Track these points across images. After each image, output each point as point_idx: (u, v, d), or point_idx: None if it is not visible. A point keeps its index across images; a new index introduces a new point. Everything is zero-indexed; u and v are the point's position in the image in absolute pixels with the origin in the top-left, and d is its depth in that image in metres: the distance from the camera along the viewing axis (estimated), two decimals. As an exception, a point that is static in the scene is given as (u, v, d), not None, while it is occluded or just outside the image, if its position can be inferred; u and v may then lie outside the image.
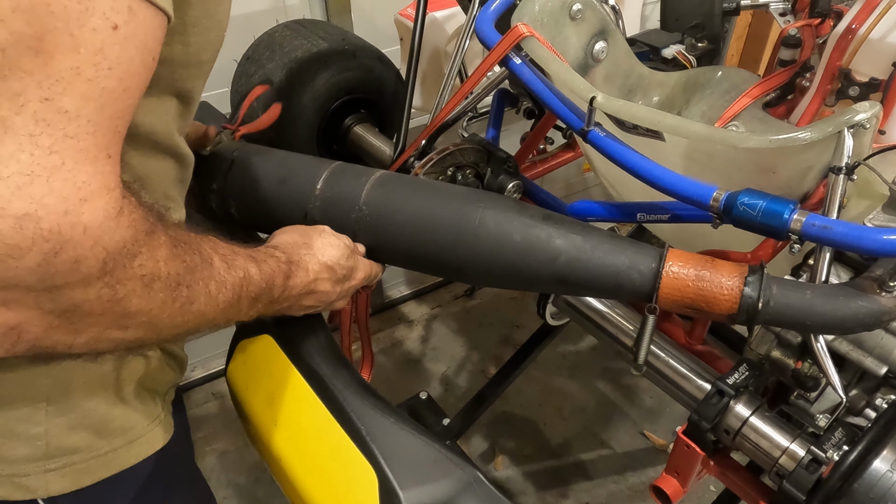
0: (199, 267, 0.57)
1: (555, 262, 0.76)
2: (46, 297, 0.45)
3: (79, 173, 0.43)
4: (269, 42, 1.29)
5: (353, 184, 0.85)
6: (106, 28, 0.43)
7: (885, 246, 0.65)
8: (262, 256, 0.68)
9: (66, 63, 0.42)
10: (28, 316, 0.46)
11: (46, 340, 0.48)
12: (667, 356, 0.97)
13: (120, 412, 0.65)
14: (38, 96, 0.41)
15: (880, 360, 0.77)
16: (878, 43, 1.03)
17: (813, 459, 0.73)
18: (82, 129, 0.44)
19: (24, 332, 0.46)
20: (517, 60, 0.92)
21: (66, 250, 0.43)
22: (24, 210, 0.41)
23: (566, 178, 2.35)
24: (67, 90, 0.42)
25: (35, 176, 0.41)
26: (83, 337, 0.50)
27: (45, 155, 0.42)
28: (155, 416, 0.68)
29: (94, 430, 0.63)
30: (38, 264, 0.43)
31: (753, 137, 0.76)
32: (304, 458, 0.77)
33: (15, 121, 0.41)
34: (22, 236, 0.41)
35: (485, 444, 1.86)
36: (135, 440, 0.66)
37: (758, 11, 1.62)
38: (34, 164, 0.41)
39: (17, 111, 0.41)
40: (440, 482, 0.70)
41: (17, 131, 0.41)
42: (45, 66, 0.41)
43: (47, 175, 0.42)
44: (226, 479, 1.77)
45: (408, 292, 2.32)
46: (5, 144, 0.41)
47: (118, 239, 0.46)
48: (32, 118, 0.41)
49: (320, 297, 0.78)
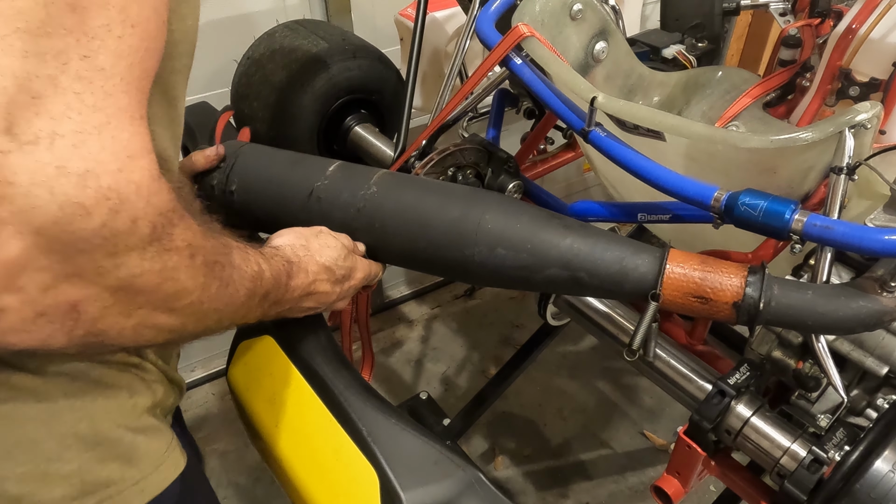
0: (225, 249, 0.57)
1: (555, 263, 0.76)
2: (107, 266, 0.45)
3: (122, 131, 0.44)
4: (269, 42, 1.29)
5: (354, 182, 0.85)
6: None
7: (886, 246, 0.65)
8: (268, 254, 0.68)
9: (99, 20, 0.42)
10: (87, 293, 0.45)
11: (101, 323, 0.48)
12: (668, 356, 0.97)
13: (143, 439, 0.63)
14: (78, 54, 0.41)
15: (881, 361, 0.77)
16: (879, 43, 1.03)
17: (814, 460, 0.73)
18: (118, 88, 0.44)
19: (82, 312, 0.46)
20: (518, 60, 0.92)
21: (126, 208, 0.43)
22: (85, 167, 0.41)
23: (566, 179, 2.35)
24: (102, 48, 0.43)
25: (87, 133, 0.42)
26: (133, 319, 0.49)
27: (91, 112, 0.42)
28: (171, 439, 0.68)
29: (123, 459, 0.62)
30: (102, 223, 0.42)
31: (754, 137, 0.76)
32: (306, 459, 0.77)
33: (62, 79, 0.41)
34: (86, 195, 0.41)
35: (485, 444, 1.86)
36: (161, 465, 0.65)
37: (758, 11, 1.61)
38: (84, 122, 0.42)
39: (63, 69, 0.41)
40: (441, 483, 0.70)
41: (66, 90, 0.41)
42: (82, 24, 0.41)
43: (98, 132, 0.42)
44: (226, 479, 1.77)
45: (408, 292, 2.32)
46: (56, 103, 0.41)
47: (165, 200, 0.47)
48: (76, 76, 0.41)
49: (320, 299, 0.77)
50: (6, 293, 0.42)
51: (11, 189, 0.39)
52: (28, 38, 0.40)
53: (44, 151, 0.40)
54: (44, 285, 0.43)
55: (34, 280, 0.43)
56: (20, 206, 0.40)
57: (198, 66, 1.65)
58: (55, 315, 0.45)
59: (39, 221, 0.41)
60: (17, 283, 0.42)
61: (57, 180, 0.40)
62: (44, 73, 0.40)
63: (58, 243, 0.42)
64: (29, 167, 0.40)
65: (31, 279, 0.43)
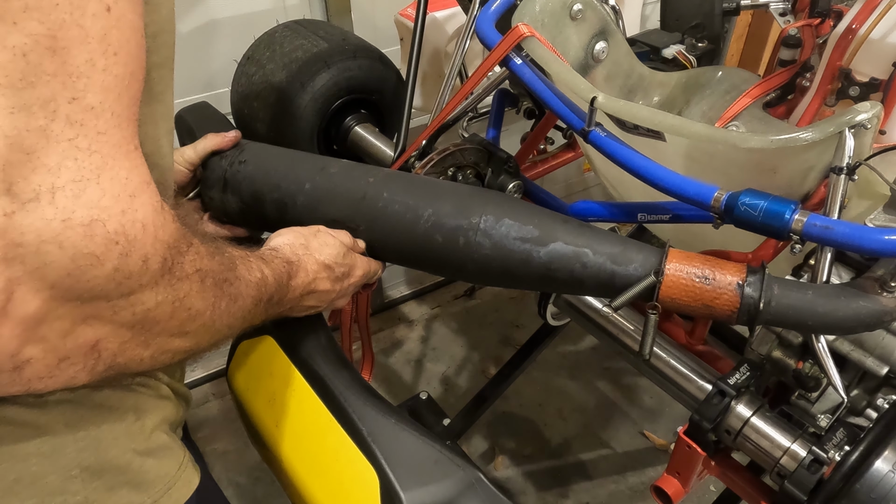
0: (231, 265, 0.57)
1: (554, 268, 0.76)
2: (122, 305, 0.45)
3: (120, 170, 0.43)
4: (269, 42, 1.29)
5: (355, 181, 0.85)
6: (102, 11, 0.42)
7: (886, 246, 0.65)
8: (268, 258, 0.68)
9: (81, 56, 0.41)
10: (105, 331, 0.46)
11: (122, 356, 0.48)
12: (668, 356, 0.97)
13: (152, 462, 0.62)
14: (65, 97, 0.40)
15: (881, 361, 0.77)
16: (879, 43, 1.03)
17: (814, 460, 0.73)
18: (110, 124, 0.43)
19: (103, 350, 0.46)
20: (518, 60, 0.92)
21: (135, 249, 0.43)
22: (90, 216, 0.41)
23: (566, 178, 2.35)
24: (89, 85, 0.41)
25: (86, 180, 0.41)
26: (151, 349, 0.50)
27: (87, 157, 0.41)
28: (182, 456, 0.67)
29: (132, 485, 0.61)
30: (114, 269, 0.42)
31: (755, 138, 0.76)
32: (306, 459, 0.77)
33: (53, 128, 0.40)
34: (95, 243, 0.41)
35: (485, 444, 1.86)
36: (172, 486, 0.64)
37: (758, 11, 1.62)
38: (82, 168, 0.41)
39: (52, 117, 0.40)
40: (442, 483, 0.70)
41: (58, 138, 0.40)
42: (65, 65, 0.40)
43: (97, 176, 0.41)
44: (226, 479, 1.77)
45: (408, 292, 2.32)
46: (50, 154, 0.40)
47: (171, 232, 0.46)
48: (67, 121, 0.40)
49: (321, 297, 0.78)
50: (29, 345, 0.42)
51: (21, 249, 0.39)
52: (11, 92, 0.39)
53: (46, 207, 0.40)
54: (63, 332, 0.44)
55: (54, 328, 0.43)
56: (33, 265, 0.40)
57: (198, 66, 1.66)
58: (77, 357, 0.45)
59: (53, 276, 0.41)
60: (39, 334, 0.42)
61: (64, 234, 0.40)
62: (34, 126, 0.39)
63: (73, 292, 0.42)
64: (35, 225, 0.39)
65: (51, 328, 0.43)
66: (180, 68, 0.61)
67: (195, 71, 1.58)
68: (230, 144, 0.93)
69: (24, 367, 0.43)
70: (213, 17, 1.56)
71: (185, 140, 1.22)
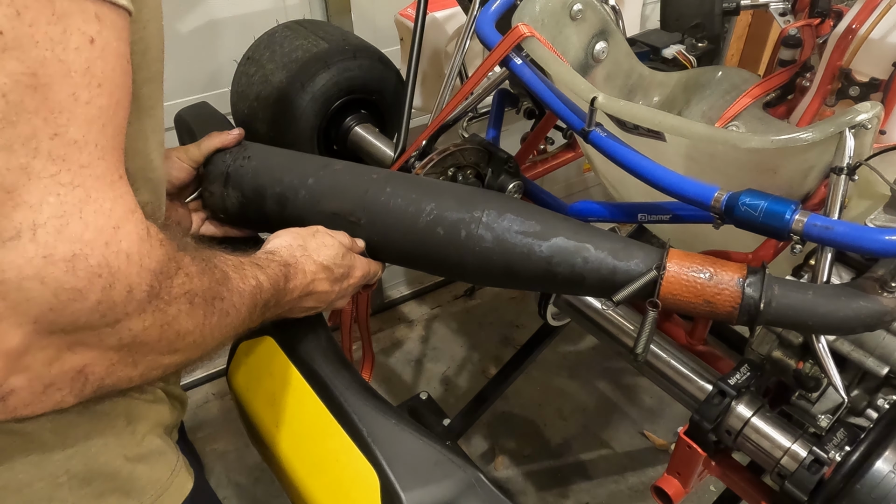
0: (223, 279, 0.57)
1: (555, 262, 0.76)
2: (107, 332, 0.45)
3: (104, 202, 0.43)
4: (269, 42, 1.29)
5: (358, 177, 0.86)
6: (85, 44, 0.41)
7: (886, 246, 0.65)
8: (264, 262, 0.68)
9: (63, 91, 0.40)
10: (91, 356, 0.45)
11: (110, 378, 0.48)
12: (668, 356, 0.97)
13: (143, 468, 0.62)
14: (47, 134, 0.40)
15: (882, 361, 0.77)
16: (879, 43, 1.03)
17: (815, 460, 0.73)
18: (94, 156, 0.42)
19: (90, 374, 0.46)
20: (518, 61, 0.92)
21: (119, 280, 0.43)
22: (72, 252, 0.40)
23: (566, 179, 2.35)
24: (71, 119, 0.41)
25: (68, 216, 0.41)
26: (140, 368, 0.50)
27: (69, 191, 0.41)
28: (175, 461, 0.66)
29: (122, 492, 0.61)
30: (98, 301, 0.42)
31: (755, 138, 0.76)
32: (306, 460, 0.77)
33: (34, 165, 0.40)
34: (78, 278, 0.41)
35: (485, 444, 1.86)
36: (164, 492, 0.64)
37: (758, 11, 1.62)
38: (64, 204, 0.40)
39: (34, 154, 0.39)
40: (442, 483, 0.70)
41: (40, 175, 0.40)
42: (46, 101, 0.40)
43: (79, 211, 0.41)
44: (226, 479, 1.77)
45: (408, 292, 2.32)
46: (32, 192, 0.39)
47: (157, 259, 0.46)
48: (48, 158, 0.40)
49: (320, 298, 0.78)
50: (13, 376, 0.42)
51: (3, 286, 0.39)
52: None
53: (27, 244, 0.39)
54: (48, 360, 0.43)
55: (38, 358, 0.43)
56: (14, 300, 0.40)
57: (198, 66, 1.66)
58: (63, 383, 0.45)
59: (35, 311, 0.41)
60: (22, 364, 0.42)
61: (46, 270, 0.40)
62: (14, 165, 0.39)
63: (56, 325, 0.42)
64: (15, 262, 0.39)
65: (34, 358, 0.43)
66: (180, 68, 0.61)
67: (195, 71, 1.58)
68: (234, 142, 0.93)
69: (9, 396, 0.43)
70: (214, 17, 1.56)
71: (184, 139, 1.22)
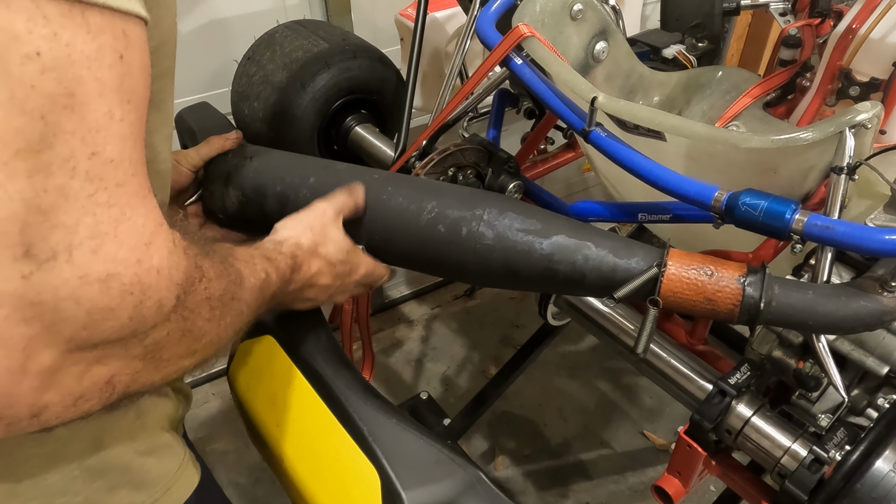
0: (237, 278, 0.58)
1: (556, 260, 0.76)
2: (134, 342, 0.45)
3: (137, 218, 0.43)
4: (269, 42, 1.29)
5: (359, 177, 0.86)
6: (117, 61, 0.41)
7: (886, 246, 0.65)
8: (272, 254, 0.68)
9: (100, 109, 0.40)
10: (118, 366, 0.46)
11: (135, 385, 0.48)
12: (668, 356, 0.97)
13: (153, 461, 0.63)
14: (85, 154, 0.39)
15: (882, 360, 0.77)
16: (879, 43, 1.03)
17: (815, 459, 0.73)
18: (128, 173, 0.42)
19: (117, 383, 0.47)
20: (518, 61, 0.92)
21: (150, 296, 0.43)
22: (106, 271, 0.41)
23: (566, 179, 2.35)
24: (108, 138, 0.41)
25: (104, 235, 0.41)
26: (163, 372, 0.50)
27: (106, 211, 0.41)
28: (183, 455, 0.67)
29: (132, 485, 0.61)
30: (129, 318, 0.43)
31: (755, 137, 0.76)
32: (307, 459, 0.77)
33: (72, 185, 0.39)
34: (111, 297, 0.41)
35: (485, 444, 1.86)
36: (172, 486, 0.64)
37: (758, 11, 1.62)
38: (100, 224, 0.40)
39: (72, 175, 0.39)
40: (443, 482, 0.70)
41: (77, 195, 0.39)
42: (83, 120, 0.39)
43: (114, 231, 0.41)
44: (226, 479, 1.77)
45: (408, 292, 2.32)
46: (69, 212, 0.39)
47: (184, 270, 0.47)
48: (86, 178, 0.40)
49: (321, 290, 0.77)
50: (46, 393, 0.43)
51: (39, 308, 0.39)
52: (30, 155, 0.38)
53: (64, 265, 0.39)
54: (79, 374, 0.44)
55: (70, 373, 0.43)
56: (49, 321, 0.40)
57: (198, 66, 1.66)
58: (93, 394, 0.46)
59: (69, 331, 0.41)
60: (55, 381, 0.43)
61: (81, 290, 0.40)
62: (52, 186, 0.39)
63: (88, 343, 0.42)
64: (52, 284, 0.39)
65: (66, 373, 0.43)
66: (180, 68, 0.61)
67: (195, 71, 1.58)
68: (233, 146, 0.93)
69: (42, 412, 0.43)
70: (214, 17, 1.56)
71: (185, 140, 1.22)
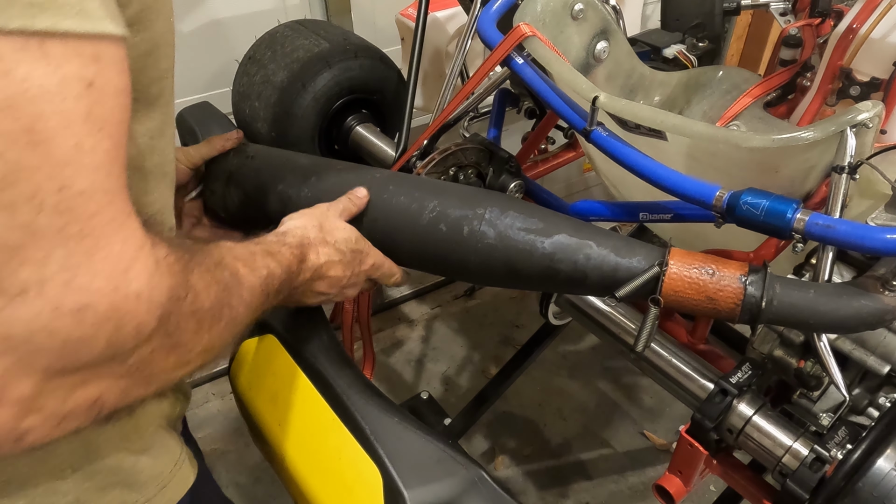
0: (232, 283, 0.56)
1: (557, 259, 0.76)
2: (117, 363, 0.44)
3: (113, 246, 0.41)
4: (270, 42, 1.29)
5: (361, 176, 0.86)
6: (83, 90, 0.39)
7: (887, 245, 0.65)
8: (275, 248, 0.67)
9: (66, 143, 0.38)
10: (105, 385, 0.45)
11: (126, 400, 0.48)
12: (669, 355, 0.98)
13: (146, 460, 0.62)
14: (51, 189, 0.38)
15: (883, 359, 0.77)
16: (879, 42, 1.04)
17: (816, 458, 0.73)
18: (102, 202, 0.41)
19: (105, 402, 0.46)
20: (519, 60, 0.92)
21: (127, 322, 0.42)
22: (80, 302, 0.39)
23: (567, 178, 2.35)
24: (78, 171, 0.39)
25: (76, 266, 0.39)
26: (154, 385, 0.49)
27: (78, 243, 0.39)
28: (178, 454, 0.66)
29: (124, 485, 0.60)
30: (107, 343, 0.42)
31: (756, 137, 0.76)
32: (309, 458, 0.77)
33: (39, 222, 0.38)
34: (85, 327, 0.40)
35: (485, 444, 1.86)
36: (166, 485, 0.64)
37: (758, 11, 1.62)
38: (72, 256, 0.39)
39: (38, 210, 0.38)
40: (445, 481, 0.70)
41: (44, 231, 0.38)
42: (49, 156, 0.37)
43: (88, 260, 0.40)
44: (226, 478, 1.77)
45: (408, 292, 2.32)
46: (38, 247, 0.38)
47: (165, 290, 0.45)
48: (55, 212, 0.38)
49: (332, 282, 0.76)
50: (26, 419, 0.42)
51: (11, 342, 0.39)
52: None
53: (35, 299, 0.38)
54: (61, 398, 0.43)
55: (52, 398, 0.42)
56: (22, 353, 0.39)
57: (199, 66, 1.67)
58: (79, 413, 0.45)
59: (44, 362, 0.40)
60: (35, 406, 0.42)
61: (53, 323, 0.39)
62: (18, 223, 0.37)
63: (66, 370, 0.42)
64: (23, 317, 0.38)
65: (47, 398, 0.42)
66: (181, 68, 0.61)
67: (196, 71, 1.58)
68: (234, 145, 0.93)
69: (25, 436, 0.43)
70: (214, 17, 1.56)
71: (186, 139, 1.22)
